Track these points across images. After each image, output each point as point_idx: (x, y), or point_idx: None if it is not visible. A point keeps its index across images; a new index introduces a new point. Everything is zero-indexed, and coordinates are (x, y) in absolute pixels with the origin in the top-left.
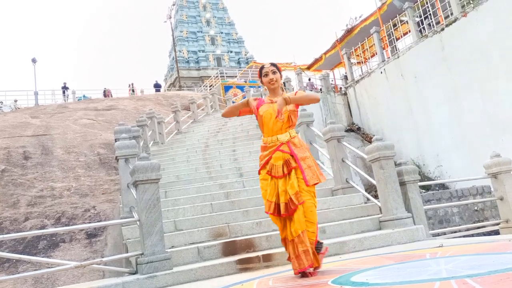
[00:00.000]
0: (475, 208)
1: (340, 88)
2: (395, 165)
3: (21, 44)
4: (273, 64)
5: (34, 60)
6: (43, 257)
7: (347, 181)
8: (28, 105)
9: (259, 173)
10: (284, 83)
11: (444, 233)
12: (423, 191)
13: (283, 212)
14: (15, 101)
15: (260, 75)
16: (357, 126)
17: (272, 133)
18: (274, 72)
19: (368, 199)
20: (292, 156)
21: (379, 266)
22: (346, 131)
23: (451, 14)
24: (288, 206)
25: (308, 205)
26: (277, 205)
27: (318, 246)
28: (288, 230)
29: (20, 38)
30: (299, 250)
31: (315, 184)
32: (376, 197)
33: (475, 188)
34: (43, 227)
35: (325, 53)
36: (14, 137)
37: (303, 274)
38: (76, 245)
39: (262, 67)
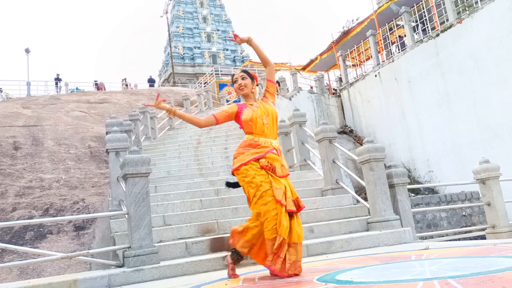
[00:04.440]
0: (463, 213)
1: (334, 90)
2: (385, 167)
3: (16, 34)
4: (244, 71)
5: (27, 51)
6: (29, 247)
7: (337, 182)
8: (20, 95)
9: (240, 167)
10: (279, 82)
11: (432, 237)
12: (413, 194)
13: (296, 208)
14: (0, 91)
15: (233, 82)
16: (349, 129)
17: (265, 136)
18: (243, 78)
19: (357, 201)
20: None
21: (364, 266)
22: (339, 133)
23: (447, 20)
24: (297, 204)
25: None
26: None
27: None
28: (295, 232)
29: (16, 28)
30: (299, 257)
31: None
32: (365, 199)
33: (464, 194)
34: (30, 218)
35: (320, 55)
36: (4, 126)
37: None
38: (64, 237)
39: (233, 75)
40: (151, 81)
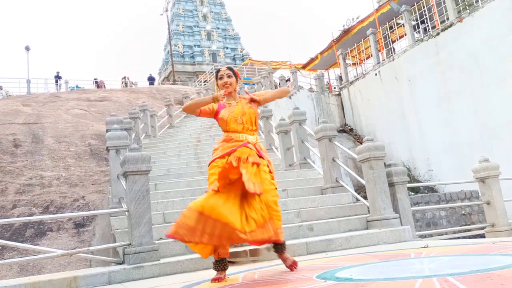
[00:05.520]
0: (463, 212)
1: (334, 88)
2: (385, 166)
3: (16, 31)
4: (229, 68)
5: (27, 48)
6: (30, 245)
7: (336, 181)
8: (20, 93)
9: (211, 162)
10: (279, 81)
11: (431, 235)
12: (412, 193)
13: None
14: (0, 88)
15: (216, 78)
16: (349, 127)
17: (238, 132)
18: (229, 76)
19: (357, 199)
20: (258, 155)
21: (364, 264)
22: (339, 131)
23: (447, 19)
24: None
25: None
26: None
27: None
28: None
29: (16, 25)
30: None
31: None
32: (365, 197)
33: (463, 193)
34: (31, 215)
35: (321, 53)
36: (4, 124)
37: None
38: (64, 234)
39: (218, 70)
40: (151, 79)
